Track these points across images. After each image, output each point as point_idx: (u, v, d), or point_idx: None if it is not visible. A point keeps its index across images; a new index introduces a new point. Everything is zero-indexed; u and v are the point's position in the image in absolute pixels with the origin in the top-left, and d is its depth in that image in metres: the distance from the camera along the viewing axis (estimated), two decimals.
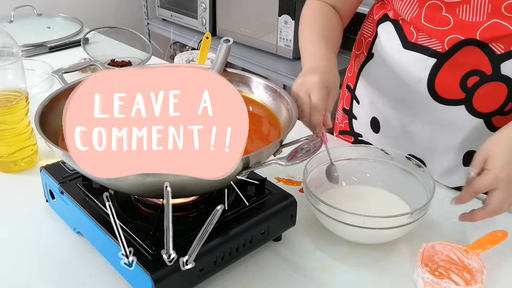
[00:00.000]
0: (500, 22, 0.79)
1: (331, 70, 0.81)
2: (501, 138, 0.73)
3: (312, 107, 0.76)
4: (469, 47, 0.83)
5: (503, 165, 0.70)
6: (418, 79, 0.89)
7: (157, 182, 0.60)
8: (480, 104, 0.86)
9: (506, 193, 0.71)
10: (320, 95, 0.76)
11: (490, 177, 0.70)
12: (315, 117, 0.77)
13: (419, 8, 0.86)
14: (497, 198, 0.71)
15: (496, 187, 0.71)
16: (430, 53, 0.86)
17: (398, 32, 0.91)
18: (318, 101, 0.76)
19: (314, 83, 0.76)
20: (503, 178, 0.70)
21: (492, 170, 0.70)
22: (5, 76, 0.89)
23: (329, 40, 0.89)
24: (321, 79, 0.77)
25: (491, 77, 0.83)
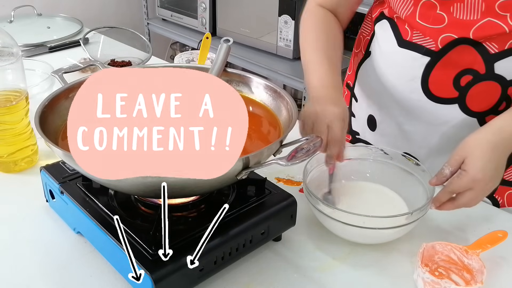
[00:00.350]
0: (494, 21, 0.79)
1: (344, 102, 0.83)
2: (481, 139, 0.74)
3: (332, 139, 0.78)
4: (463, 46, 0.83)
5: (481, 167, 0.72)
6: (412, 77, 0.89)
7: (157, 182, 0.60)
8: (474, 103, 0.86)
9: (478, 194, 0.74)
10: (339, 128, 0.77)
11: (468, 178, 0.72)
12: (333, 149, 0.79)
13: (414, 6, 0.86)
14: (468, 197, 0.74)
15: (472, 187, 0.73)
16: (424, 52, 0.87)
17: (394, 30, 0.91)
18: (339, 133, 0.78)
19: (335, 115, 0.78)
20: (480, 180, 0.72)
21: (469, 171, 0.72)
22: (5, 76, 0.89)
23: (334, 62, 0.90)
24: (342, 111, 0.78)
25: (485, 76, 0.84)
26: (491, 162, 0.73)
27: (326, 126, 0.77)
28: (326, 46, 0.92)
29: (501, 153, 0.74)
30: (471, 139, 0.75)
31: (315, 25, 0.96)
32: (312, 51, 0.91)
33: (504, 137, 0.75)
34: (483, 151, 0.73)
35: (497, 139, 0.74)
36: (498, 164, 0.74)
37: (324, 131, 0.77)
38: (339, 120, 0.78)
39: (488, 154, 0.73)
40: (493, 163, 0.73)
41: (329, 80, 0.86)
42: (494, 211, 0.90)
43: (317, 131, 0.78)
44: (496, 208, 0.92)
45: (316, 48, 0.91)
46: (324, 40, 0.93)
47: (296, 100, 2.29)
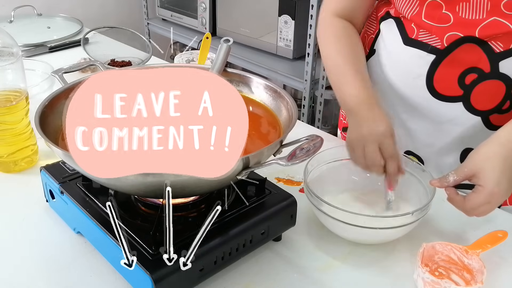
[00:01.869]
0: (499, 20, 0.79)
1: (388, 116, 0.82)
2: (490, 153, 0.73)
3: (388, 156, 0.79)
4: (468, 45, 0.83)
5: (497, 181, 0.71)
6: (417, 75, 0.90)
7: (157, 182, 0.60)
8: (478, 102, 0.87)
9: (493, 206, 0.73)
10: (392, 145, 0.78)
11: (485, 193, 0.72)
12: (391, 166, 0.79)
13: (420, 6, 0.86)
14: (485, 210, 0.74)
15: (489, 201, 0.72)
16: (430, 50, 0.87)
17: (400, 28, 0.92)
18: (392, 150, 0.78)
19: (383, 133, 0.78)
20: (496, 193, 0.71)
21: (486, 186, 0.72)
22: (5, 76, 0.89)
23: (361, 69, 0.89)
24: (386, 129, 0.79)
25: (489, 75, 0.84)
26: (504, 174, 0.72)
27: (378, 147, 0.78)
28: (352, 58, 0.91)
29: (510, 164, 0.73)
30: (479, 153, 0.74)
31: (336, 36, 0.94)
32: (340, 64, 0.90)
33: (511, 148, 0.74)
34: (493, 164, 0.72)
35: (505, 150, 0.73)
36: (510, 175, 0.73)
37: (378, 152, 0.78)
38: (387, 138, 0.78)
39: (500, 166, 0.72)
40: (506, 175, 0.72)
41: (365, 97, 0.85)
42: (494, 211, 0.89)
43: (371, 153, 0.78)
44: (497, 208, 0.91)
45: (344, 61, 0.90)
46: (349, 51, 0.92)
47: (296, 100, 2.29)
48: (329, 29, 0.96)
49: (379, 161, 0.79)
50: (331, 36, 0.95)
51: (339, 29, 0.95)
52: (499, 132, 0.77)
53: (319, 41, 0.98)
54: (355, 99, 0.85)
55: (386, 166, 0.80)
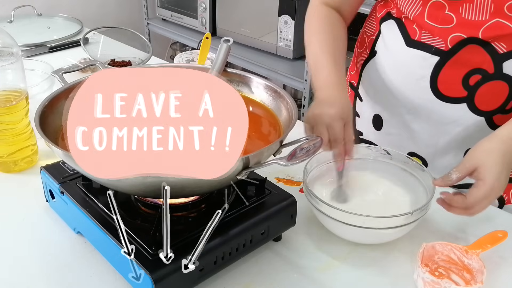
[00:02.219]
0: (502, 22, 0.79)
1: (345, 100, 0.84)
2: (491, 149, 0.74)
3: (333, 139, 0.80)
4: (472, 46, 0.83)
5: (497, 176, 0.72)
6: (420, 76, 0.90)
7: (157, 182, 0.60)
8: (482, 103, 0.87)
9: (491, 201, 0.74)
10: (338, 128, 0.79)
11: (486, 188, 0.72)
12: (336, 149, 0.81)
13: (422, 6, 0.86)
14: (483, 205, 0.74)
15: (488, 196, 0.73)
16: (433, 51, 0.87)
17: (401, 30, 0.92)
18: (338, 133, 0.79)
19: (331, 116, 0.79)
20: (496, 187, 0.72)
21: (486, 180, 0.72)
22: (5, 76, 0.89)
23: (338, 62, 0.90)
24: (336, 112, 0.80)
25: (493, 76, 0.84)
26: (504, 170, 0.73)
27: (326, 128, 0.79)
28: (331, 47, 0.92)
29: (509, 161, 0.75)
30: (480, 149, 0.75)
31: (319, 25, 0.96)
32: (318, 53, 0.92)
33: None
34: (495, 160, 0.73)
35: (504, 147, 0.74)
36: (507, 172, 0.75)
37: (324, 133, 0.79)
38: (336, 121, 0.79)
39: (500, 162, 0.73)
40: (506, 171, 0.74)
41: (331, 79, 0.86)
42: (494, 211, 0.90)
43: (317, 133, 0.80)
44: (497, 208, 0.92)
45: (321, 50, 0.92)
46: (330, 40, 0.93)
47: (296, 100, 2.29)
48: (315, 16, 0.99)
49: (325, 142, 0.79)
50: (314, 23, 0.97)
51: (323, 17, 0.97)
52: (500, 129, 0.78)
53: (304, 26, 1.00)
54: (321, 81, 0.87)
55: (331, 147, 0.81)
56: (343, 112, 0.80)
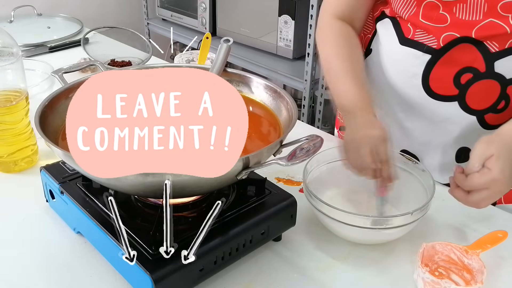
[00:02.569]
0: (495, 22, 0.80)
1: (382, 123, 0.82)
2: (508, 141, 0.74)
3: (380, 161, 0.77)
4: (464, 44, 0.83)
5: (503, 170, 0.71)
6: (413, 74, 0.90)
7: (157, 182, 0.60)
8: (473, 101, 0.87)
9: (492, 194, 0.73)
10: (384, 150, 0.78)
11: (488, 177, 0.71)
12: (384, 171, 0.78)
13: (417, 7, 0.86)
14: (482, 195, 0.73)
15: (489, 187, 0.72)
16: (425, 50, 0.87)
17: (396, 28, 0.92)
18: (385, 155, 0.78)
19: (377, 138, 0.78)
20: (498, 180, 0.71)
21: (492, 170, 0.71)
22: (5, 76, 0.89)
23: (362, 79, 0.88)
24: (383, 132, 0.78)
25: (485, 75, 0.84)
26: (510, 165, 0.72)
27: (370, 151, 0.77)
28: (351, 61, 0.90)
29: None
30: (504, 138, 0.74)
31: (336, 40, 0.94)
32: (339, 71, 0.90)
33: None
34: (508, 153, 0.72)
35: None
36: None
37: (369, 155, 0.77)
38: (382, 143, 0.77)
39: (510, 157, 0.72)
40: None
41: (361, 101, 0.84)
42: (494, 211, 0.90)
43: (363, 156, 0.77)
44: (496, 208, 0.92)
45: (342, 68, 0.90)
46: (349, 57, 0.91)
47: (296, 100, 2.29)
48: (328, 31, 0.96)
49: (371, 164, 0.78)
50: (329, 38, 0.95)
51: (337, 30, 0.95)
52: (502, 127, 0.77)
53: (317, 42, 0.98)
54: (351, 101, 0.85)
55: (377, 172, 0.79)
56: (386, 134, 0.78)
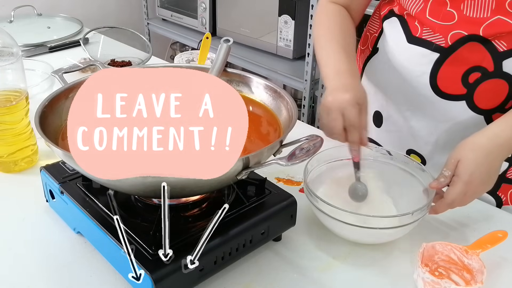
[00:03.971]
0: (504, 19, 0.79)
1: (359, 85, 0.82)
2: (476, 144, 0.76)
3: (348, 125, 0.78)
4: (472, 43, 0.83)
5: (471, 171, 0.74)
6: (420, 73, 0.90)
7: (157, 182, 0.60)
8: (481, 101, 0.87)
9: (470, 196, 0.76)
10: (354, 113, 0.78)
11: (460, 184, 0.74)
12: (352, 135, 0.79)
13: (424, 2, 0.86)
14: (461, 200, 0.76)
15: (465, 192, 0.75)
16: (433, 48, 0.87)
17: (403, 27, 0.92)
18: (354, 118, 0.78)
19: (347, 101, 0.78)
20: (470, 182, 0.74)
21: (460, 176, 0.74)
22: (5, 76, 0.89)
23: (348, 51, 0.89)
24: (353, 96, 0.78)
25: (493, 74, 0.84)
26: (483, 166, 0.75)
27: (340, 115, 0.78)
28: (339, 37, 0.92)
29: (494, 158, 0.76)
30: (467, 142, 0.77)
31: (328, 19, 0.96)
32: (325, 42, 0.91)
33: (498, 143, 0.76)
34: (475, 155, 0.75)
35: (491, 145, 0.76)
36: (490, 169, 0.76)
37: (339, 119, 0.78)
38: (351, 106, 0.77)
39: (481, 159, 0.75)
40: (485, 167, 0.75)
41: (342, 67, 0.85)
42: (494, 211, 0.90)
43: (332, 120, 0.78)
44: (497, 208, 0.92)
45: (329, 39, 0.91)
46: (337, 31, 0.93)
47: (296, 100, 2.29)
48: (323, 12, 0.98)
49: (338, 128, 0.78)
50: (323, 19, 0.97)
51: (330, 11, 0.97)
52: (490, 125, 0.79)
53: (313, 26, 1.00)
54: (332, 70, 0.86)
55: (347, 135, 0.79)
56: (358, 97, 0.79)
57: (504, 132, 0.77)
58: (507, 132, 0.77)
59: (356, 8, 0.99)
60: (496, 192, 0.95)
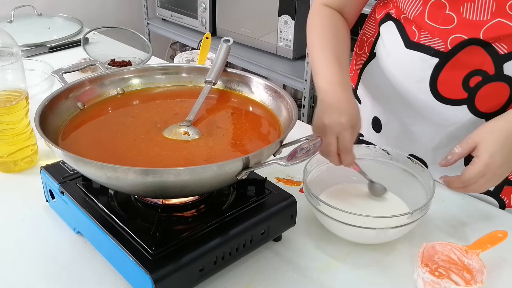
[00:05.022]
0: (504, 22, 0.79)
1: (352, 104, 0.81)
2: (496, 126, 0.76)
3: (343, 149, 0.78)
4: (472, 47, 0.83)
5: (492, 152, 0.74)
6: (420, 78, 0.89)
7: (157, 182, 0.60)
8: (482, 104, 0.86)
9: (490, 179, 0.76)
10: (349, 137, 0.77)
11: (480, 164, 0.74)
12: (346, 159, 0.79)
13: (423, 5, 0.85)
14: (480, 183, 0.76)
15: (484, 174, 0.75)
16: (433, 53, 0.86)
17: (400, 31, 0.91)
18: (348, 143, 0.77)
19: (342, 125, 0.77)
20: (491, 164, 0.74)
21: (481, 157, 0.74)
22: (5, 76, 0.89)
23: (342, 60, 0.88)
24: (348, 119, 0.77)
25: (494, 77, 0.83)
26: (504, 148, 0.75)
27: (335, 138, 0.77)
28: (333, 45, 0.91)
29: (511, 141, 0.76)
30: (486, 126, 0.77)
31: (321, 24, 0.95)
32: (319, 51, 0.90)
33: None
34: (495, 137, 0.75)
35: (510, 128, 0.76)
36: (510, 151, 0.75)
37: (334, 144, 0.77)
38: (347, 130, 0.77)
39: (502, 140, 0.75)
40: (506, 149, 0.75)
41: (336, 79, 0.84)
42: (494, 211, 0.90)
43: (328, 144, 0.78)
44: (496, 208, 0.92)
45: (323, 48, 0.90)
46: (331, 38, 0.92)
47: (296, 100, 2.29)
48: (317, 16, 0.97)
49: (334, 152, 0.78)
50: (316, 25, 0.96)
51: (324, 16, 0.96)
52: (509, 111, 0.79)
53: (306, 28, 0.99)
54: (325, 81, 0.85)
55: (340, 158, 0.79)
56: (352, 119, 0.78)
57: None
58: None
59: (350, 11, 0.98)
60: (499, 195, 0.95)
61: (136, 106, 0.86)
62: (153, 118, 0.81)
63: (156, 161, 0.70)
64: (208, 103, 0.85)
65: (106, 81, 0.86)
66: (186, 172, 0.60)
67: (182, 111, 0.82)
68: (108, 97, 0.86)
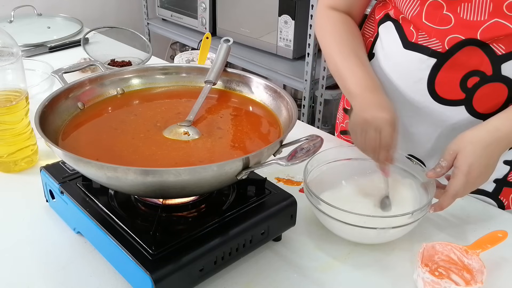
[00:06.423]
0: (501, 22, 0.79)
1: (390, 103, 0.83)
2: (475, 137, 0.77)
3: (383, 144, 0.78)
4: (470, 47, 0.83)
5: (470, 163, 0.75)
6: (418, 79, 0.89)
7: (157, 182, 0.60)
8: (480, 105, 0.86)
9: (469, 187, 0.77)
10: (391, 132, 0.78)
11: (461, 175, 0.76)
12: (383, 154, 0.80)
13: (420, 6, 0.85)
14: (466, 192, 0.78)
15: (466, 183, 0.76)
16: (430, 53, 0.86)
17: (399, 32, 0.91)
18: (390, 138, 0.78)
19: (386, 120, 0.78)
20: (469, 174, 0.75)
21: (460, 167, 0.76)
22: (5, 76, 0.89)
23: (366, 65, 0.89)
24: (391, 115, 0.79)
25: (492, 78, 0.83)
26: (482, 158, 0.76)
27: (378, 133, 0.78)
28: (353, 48, 0.91)
29: (493, 151, 0.77)
30: (466, 135, 0.78)
31: (334, 28, 0.95)
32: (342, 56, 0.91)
33: (498, 137, 0.77)
34: (474, 148, 0.76)
35: (491, 138, 0.77)
36: (488, 161, 0.77)
37: (377, 138, 0.78)
38: (389, 125, 0.78)
39: (479, 151, 0.76)
40: (484, 160, 0.76)
41: (368, 83, 0.86)
42: (494, 211, 0.90)
43: (368, 138, 0.78)
44: (496, 208, 0.92)
45: (347, 53, 0.91)
46: (351, 43, 0.93)
47: (296, 100, 2.29)
48: (325, 20, 0.97)
49: (376, 147, 0.79)
50: (328, 26, 0.96)
51: (334, 19, 0.97)
52: (490, 119, 0.80)
53: (316, 33, 0.99)
54: (358, 86, 0.86)
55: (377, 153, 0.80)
56: (394, 118, 0.79)
57: (504, 126, 0.78)
58: (507, 127, 0.77)
59: (357, 12, 0.99)
60: (498, 196, 0.95)
61: (139, 105, 0.86)
62: (155, 117, 0.81)
63: (151, 161, 0.70)
64: (208, 103, 0.85)
65: (106, 81, 0.86)
66: (186, 172, 0.60)
67: (182, 111, 0.82)
68: (108, 97, 0.86)
